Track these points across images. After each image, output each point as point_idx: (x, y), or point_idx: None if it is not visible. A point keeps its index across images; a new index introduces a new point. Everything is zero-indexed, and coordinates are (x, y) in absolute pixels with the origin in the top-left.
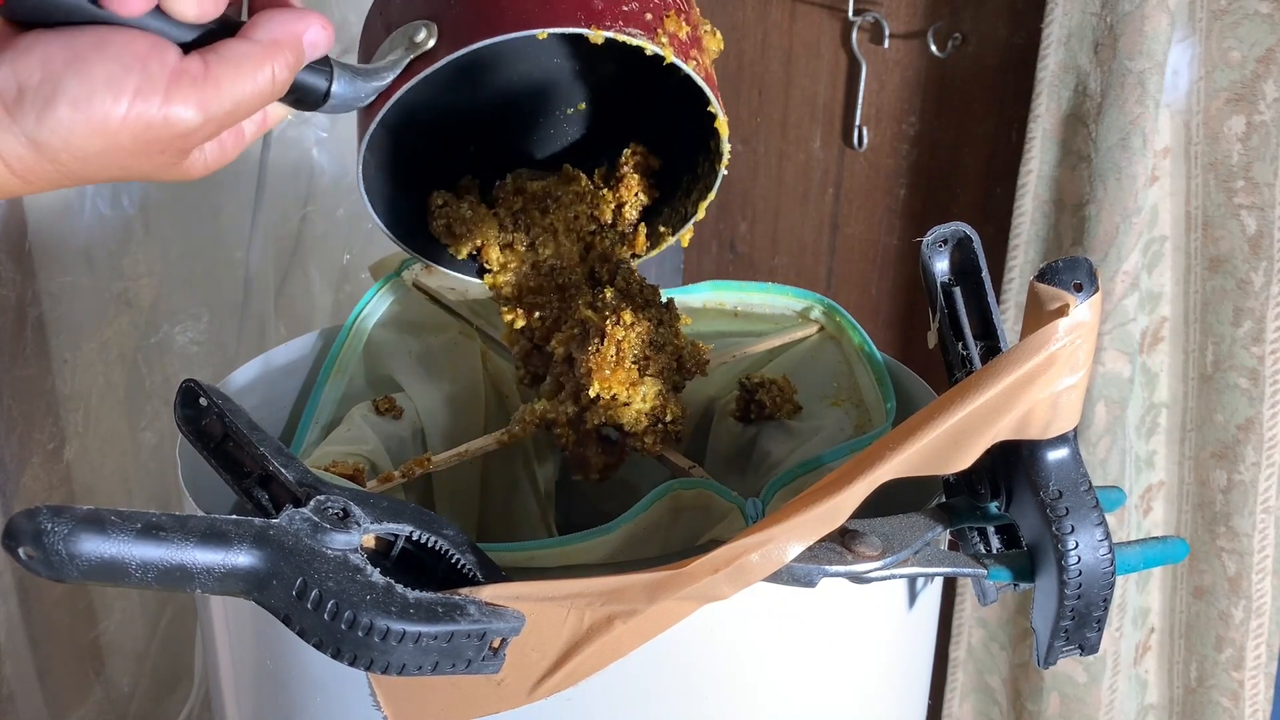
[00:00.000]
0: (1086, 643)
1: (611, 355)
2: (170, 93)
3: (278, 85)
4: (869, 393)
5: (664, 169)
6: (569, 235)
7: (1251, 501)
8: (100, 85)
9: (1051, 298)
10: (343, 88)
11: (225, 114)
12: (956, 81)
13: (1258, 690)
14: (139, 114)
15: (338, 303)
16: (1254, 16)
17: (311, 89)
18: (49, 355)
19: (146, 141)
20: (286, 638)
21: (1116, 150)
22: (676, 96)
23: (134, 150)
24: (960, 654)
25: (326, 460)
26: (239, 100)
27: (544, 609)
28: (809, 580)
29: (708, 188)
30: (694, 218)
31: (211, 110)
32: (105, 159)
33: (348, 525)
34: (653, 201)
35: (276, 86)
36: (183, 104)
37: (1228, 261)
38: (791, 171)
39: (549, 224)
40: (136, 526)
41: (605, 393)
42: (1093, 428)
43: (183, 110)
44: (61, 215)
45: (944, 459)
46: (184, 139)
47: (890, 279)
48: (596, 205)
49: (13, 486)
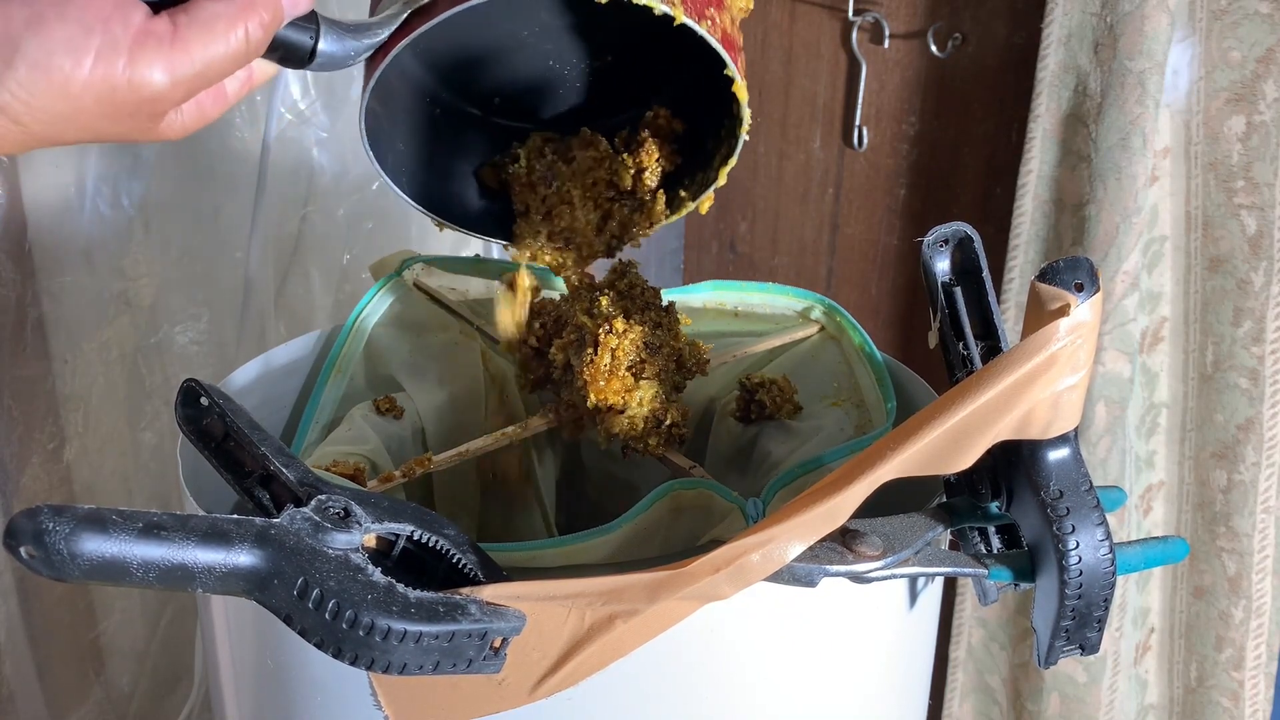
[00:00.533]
0: (1087, 643)
1: (605, 364)
2: (135, 55)
3: (253, 46)
4: (869, 393)
5: (687, 132)
6: (585, 203)
7: (1251, 501)
8: (60, 46)
9: (1052, 298)
10: (330, 45)
11: (195, 76)
12: (956, 81)
13: (1258, 690)
14: (102, 77)
15: (338, 303)
16: (1254, 16)
17: (297, 46)
18: (49, 355)
19: (113, 105)
20: (287, 637)
21: (1116, 150)
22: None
23: (100, 114)
24: (960, 654)
25: (327, 460)
26: (210, 62)
27: (545, 608)
28: (810, 580)
29: (730, 151)
30: (715, 184)
31: (180, 73)
32: (71, 122)
33: (349, 525)
34: (674, 168)
35: (251, 47)
36: (148, 67)
37: (1228, 261)
38: (791, 171)
39: (565, 192)
40: (138, 526)
41: (602, 403)
42: (1093, 428)
43: (148, 73)
44: (61, 215)
45: (944, 459)
46: (152, 103)
47: (890, 279)
48: (615, 171)
49: (13, 486)
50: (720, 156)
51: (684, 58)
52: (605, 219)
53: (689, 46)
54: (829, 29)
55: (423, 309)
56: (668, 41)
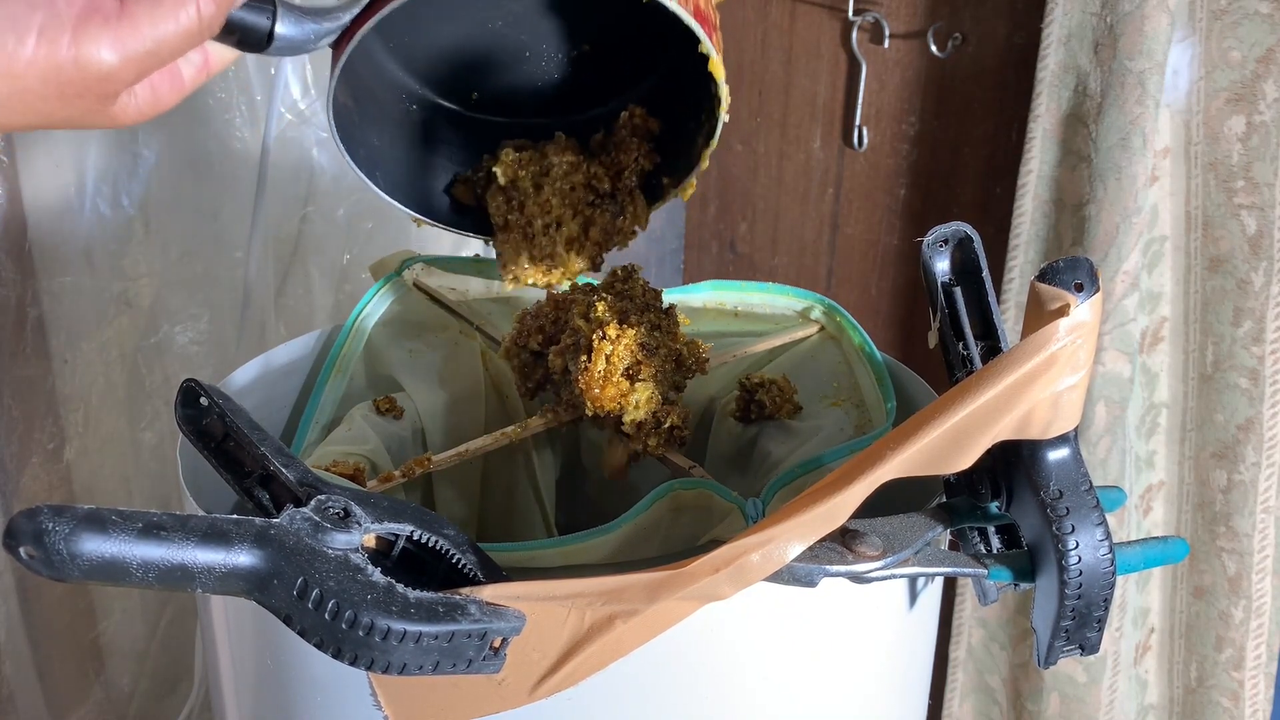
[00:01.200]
0: (1087, 643)
1: (600, 370)
2: (80, 32)
3: (205, 23)
4: (869, 393)
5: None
6: (565, 213)
7: (1251, 501)
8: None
9: (1052, 298)
10: (288, 28)
11: (146, 54)
12: (956, 81)
13: (1258, 690)
14: (46, 55)
15: (338, 303)
16: (1254, 16)
17: (253, 29)
18: (49, 355)
19: (60, 85)
20: (287, 637)
21: (1116, 150)
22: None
23: (46, 94)
24: (960, 654)
25: (327, 460)
26: (160, 40)
27: (545, 608)
28: (809, 580)
29: (711, 132)
30: (698, 168)
31: (129, 50)
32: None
33: (348, 525)
34: (654, 166)
35: (204, 24)
36: (94, 44)
37: (1228, 261)
38: (791, 171)
39: (545, 202)
40: (137, 526)
41: (599, 410)
42: (1093, 428)
43: (94, 50)
44: (61, 215)
45: (944, 459)
46: (101, 83)
47: (890, 279)
48: (594, 174)
49: (13, 486)
50: (702, 138)
51: (663, 44)
52: (586, 227)
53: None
54: (829, 29)
55: (423, 309)
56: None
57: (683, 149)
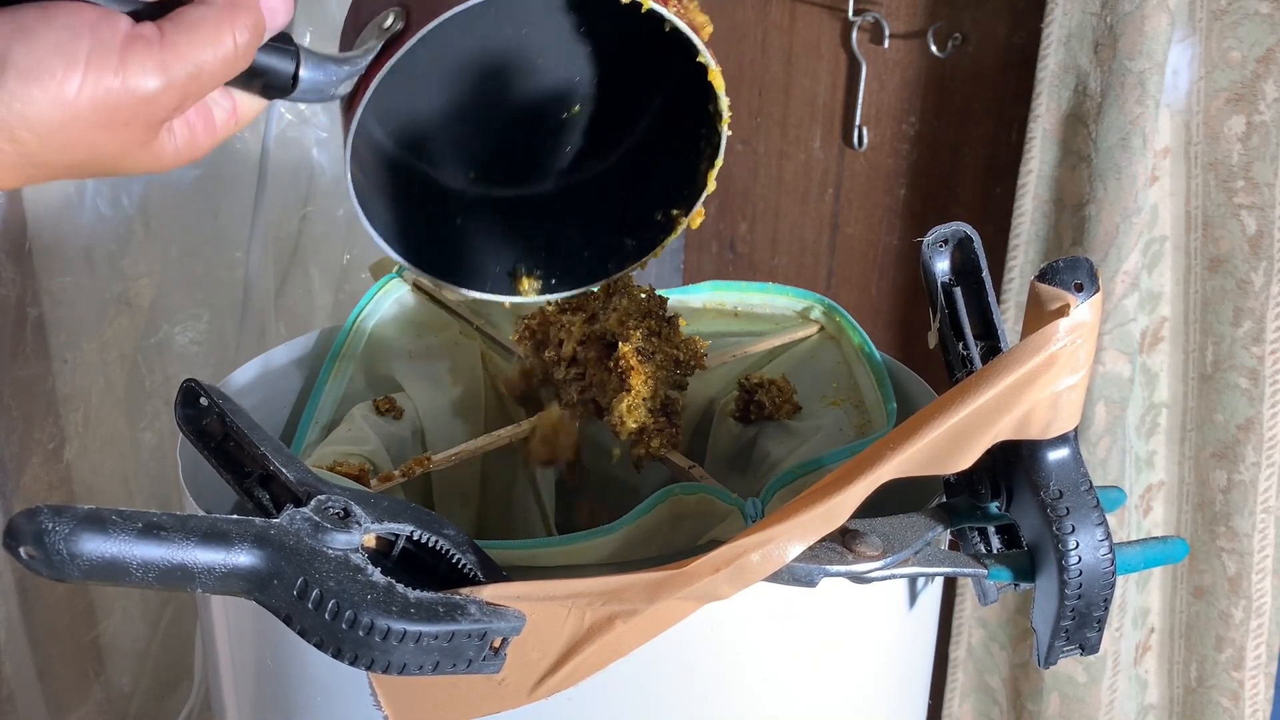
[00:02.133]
0: (1087, 643)
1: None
2: (126, 57)
3: (240, 50)
4: (869, 393)
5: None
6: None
7: (1251, 501)
8: (50, 52)
9: (1052, 298)
10: (312, 72)
11: (189, 78)
12: (956, 81)
13: (1258, 690)
14: (96, 80)
15: (338, 303)
16: (1254, 16)
17: (278, 72)
18: (49, 355)
19: (110, 111)
20: (287, 637)
21: (1116, 150)
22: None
23: (96, 122)
24: (960, 654)
25: (328, 460)
26: (200, 64)
27: (545, 608)
28: (809, 580)
29: (715, 151)
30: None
31: (173, 74)
32: (67, 134)
33: (348, 525)
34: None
35: (240, 51)
36: (140, 68)
37: (1228, 261)
38: (791, 171)
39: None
40: (137, 526)
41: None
42: (1093, 428)
43: (141, 75)
44: (61, 215)
45: (944, 459)
46: (148, 106)
47: (890, 279)
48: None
49: (13, 486)
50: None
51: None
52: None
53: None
54: (829, 29)
55: (422, 309)
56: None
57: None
